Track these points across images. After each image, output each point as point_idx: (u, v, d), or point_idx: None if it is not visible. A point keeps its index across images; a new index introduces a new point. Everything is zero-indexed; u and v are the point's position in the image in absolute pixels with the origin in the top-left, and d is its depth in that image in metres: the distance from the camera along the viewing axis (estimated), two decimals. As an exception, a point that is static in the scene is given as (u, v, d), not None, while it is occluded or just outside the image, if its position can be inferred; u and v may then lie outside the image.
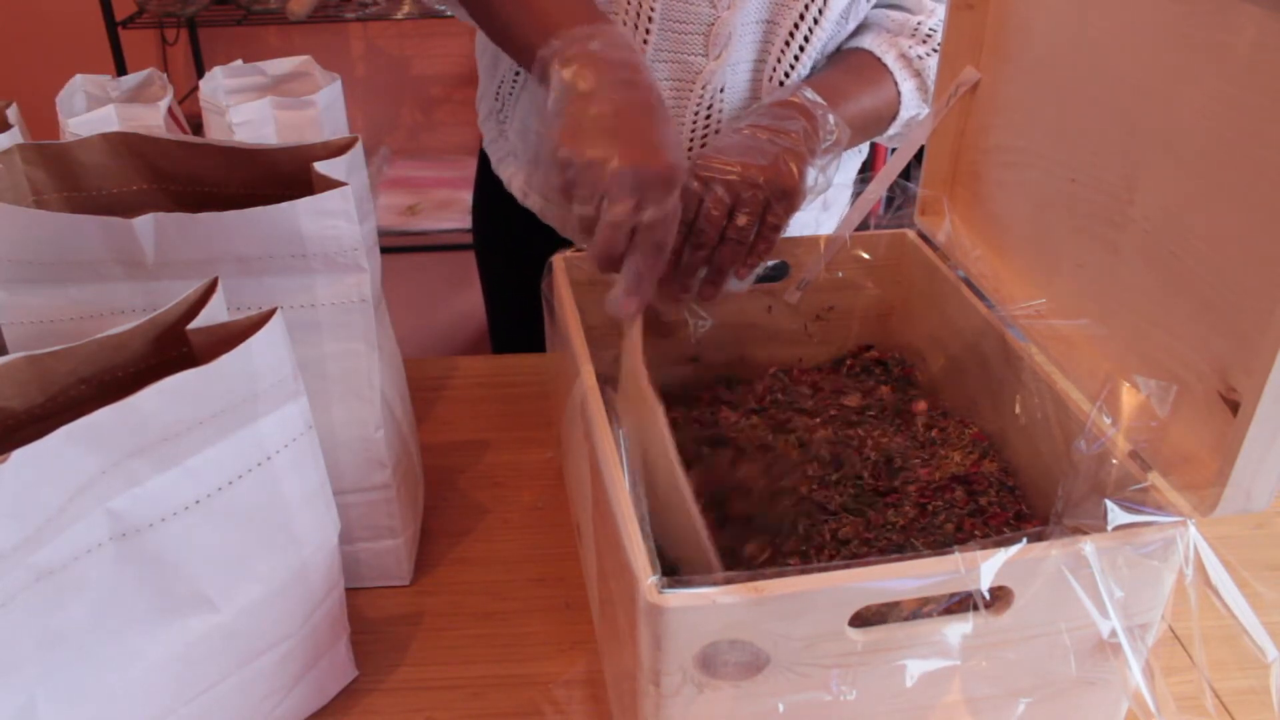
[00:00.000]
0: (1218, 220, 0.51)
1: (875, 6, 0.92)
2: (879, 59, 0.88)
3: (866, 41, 0.89)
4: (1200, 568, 0.50)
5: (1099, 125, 0.60)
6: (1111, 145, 0.59)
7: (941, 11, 0.88)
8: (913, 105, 0.89)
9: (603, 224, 0.61)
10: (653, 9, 0.85)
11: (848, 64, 0.90)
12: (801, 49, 0.88)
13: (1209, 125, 0.51)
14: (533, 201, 1.08)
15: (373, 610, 0.71)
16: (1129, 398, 0.56)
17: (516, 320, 1.18)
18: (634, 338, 0.65)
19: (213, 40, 2.58)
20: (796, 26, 0.88)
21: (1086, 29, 0.61)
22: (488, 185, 1.12)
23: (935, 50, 0.88)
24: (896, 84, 0.88)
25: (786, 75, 0.90)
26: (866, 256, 0.80)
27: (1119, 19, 0.57)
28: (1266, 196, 0.48)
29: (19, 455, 0.44)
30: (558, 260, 0.76)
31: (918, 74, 0.88)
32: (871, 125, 0.90)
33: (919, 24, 0.89)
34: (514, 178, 1.08)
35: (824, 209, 1.07)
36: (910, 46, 0.88)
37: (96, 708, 0.51)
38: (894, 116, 0.90)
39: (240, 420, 0.52)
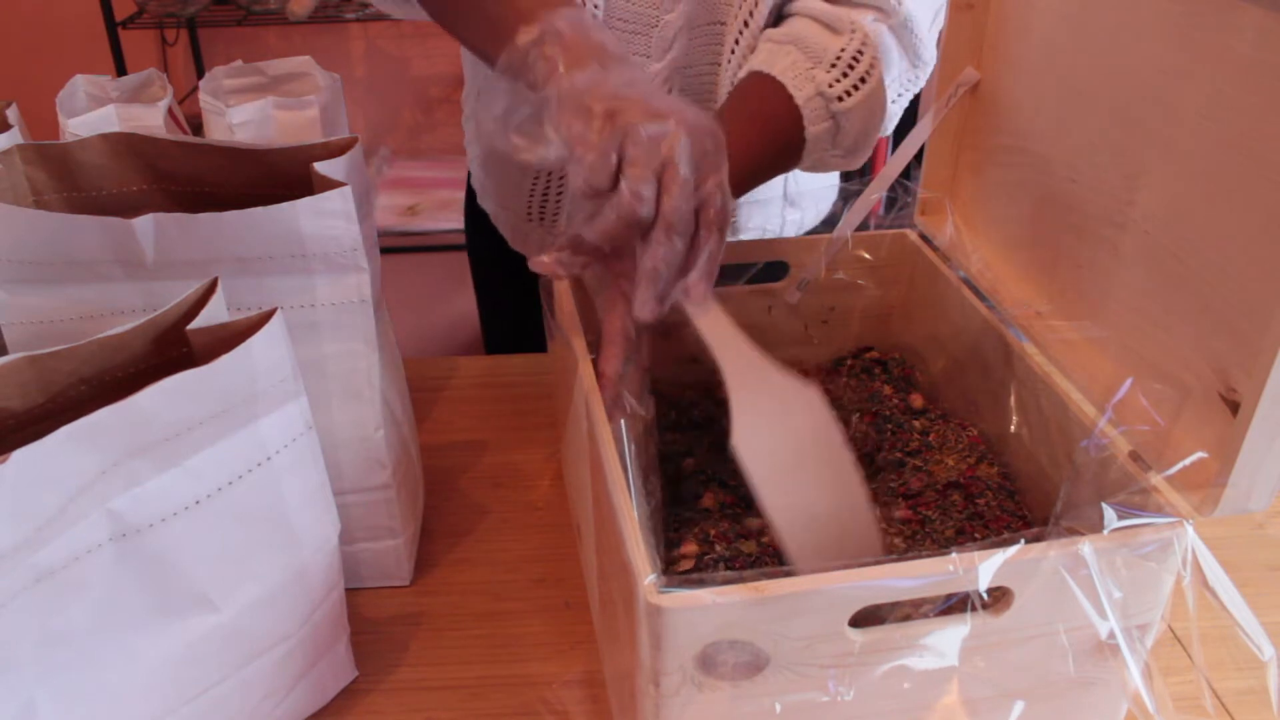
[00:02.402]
0: (1218, 220, 0.51)
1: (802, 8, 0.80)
2: (790, 97, 0.75)
3: (780, 66, 0.76)
4: (1198, 569, 0.50)
5: (1099, 125, 0.60)
6: (1111, 145, 0.59)
7: (868, 27, 0.77)
8: (820, 147, 0.78)
9: (673, 193, 0.54)
10: (597, 5, 0.84)
11: (752, 105, 0.76)
12: (747, 54, 0.83)
13: (1209, 125, 0.51)
14: (489, 205, 1.07)
15: (373, 610, 0.71)
16: (1131, 399, 0.56)
17: (509, 322, 1.18)
18: (718, 315, 0.59)
19: (213, 40, 2.59)
20: (743, 31, 0.83)
21: (1086, 29, 0.61)
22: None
23: (861, 84, 0.76)
24: (803, 128, 0.76)
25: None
26: (867, 257, 0.80)
27: (1119, 19, 0.57)
28: (1266, 197, 0.48)
29: (19, 455, 0.44)
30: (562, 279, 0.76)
31: (832, 117, 0.76)
32: (767, 173, 0.79)
33: (841, 51, 0.75)
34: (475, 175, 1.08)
35: (790, 205, 1.04)
36: (831, 84, 0.75)
37: (96, 708, 0.51)
38: (795, 160, 0.79)
39: (240, 420, 0.53)
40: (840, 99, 0.75)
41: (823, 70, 0.75)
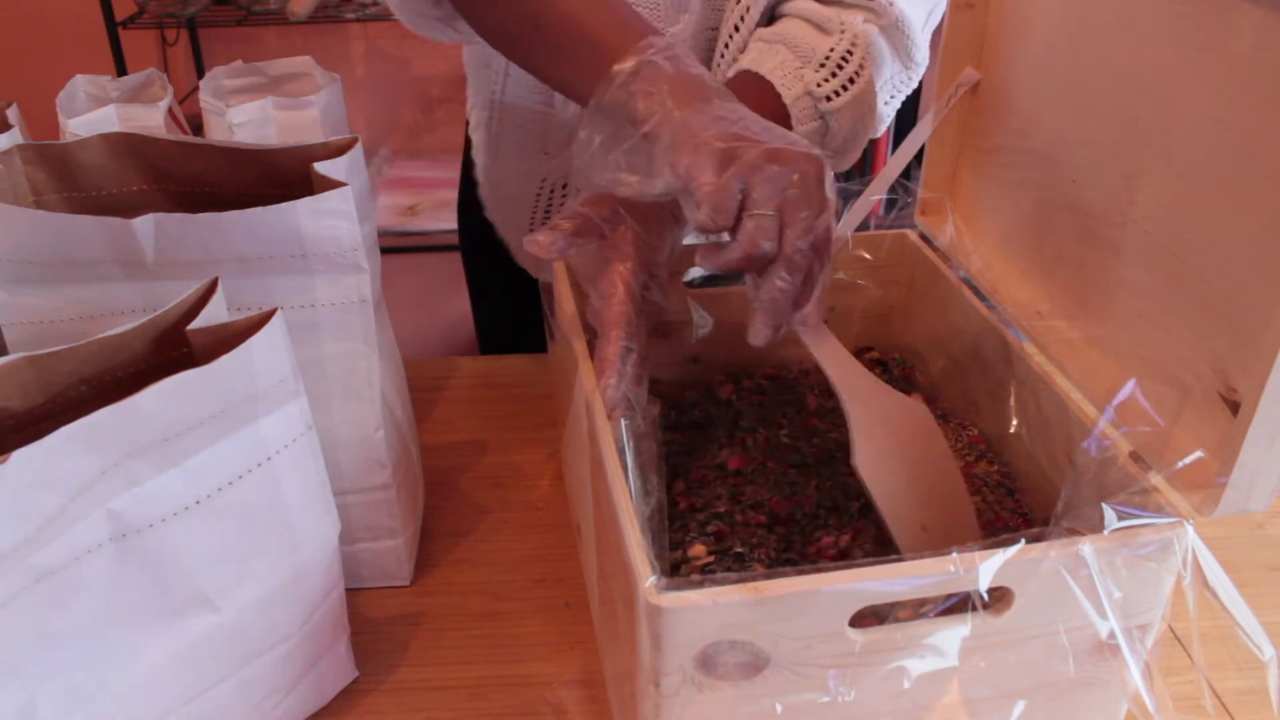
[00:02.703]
0: (1218, 220, 0.51)
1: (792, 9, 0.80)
2: (778, 96, 0.75)
3: (769, 65, 0.76)
4: (1198, 569, 0.50)
5: (1099, 125, 0.60)
6: (1111, 145, 0.59)
7: (859, 28, 0.77)
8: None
9: (795, 232, 0.57)
10: None
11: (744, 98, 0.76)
12: (738, 55, 0.83)
13: (1209, 125, 0.51)
14: (497, 218, 1.07)
15: (373, 610, 0.71)
16: (1131, 399, 0.56)
17: (504, 324, 1.18)
18: (832, 340, 0.62)
19: (213, 40, 2.58)
20: (733, 35, 0.83)
21: (1086, 29, 0.61)
22: (473, 188, 1.12)
23: (850, 85, 0.76)
24: (791, 128, 0.75)
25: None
26: (867, 257, 0.80)
27: (1119, 19, 0.57)
28: (1266, 197, 0.48)
29: (19, 455, 0.44)
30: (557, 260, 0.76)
31: (821, 117, 0.76)
32: None
33: (831, 51, 0.75)
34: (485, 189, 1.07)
35: None
36: (819, 83, 0.75)
37: (96, 708, 0.51)
38: None
39: (240, 420, 0.53)
40: (829, 99, 0.75)
41: (811, 70, 0.75)
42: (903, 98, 0.84)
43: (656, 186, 0.60)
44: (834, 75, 0.75)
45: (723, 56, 0.85)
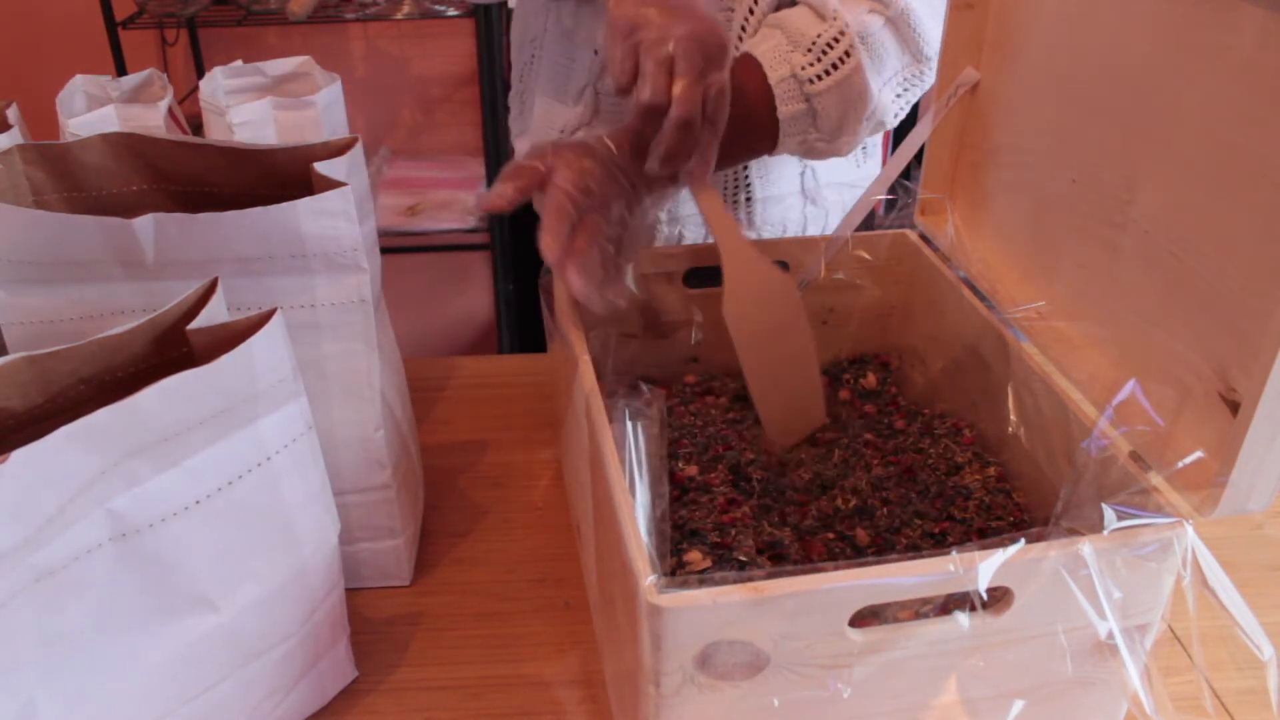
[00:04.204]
0: (1218, 220, 0.51)
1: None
2: (765, 77, 0.78)
3: (763, 48, 0.79)
4: (1198, 569, 0.50)
5: (1099, 125, 0.60)
6: (1111, 145, 0.59)
7: (862, 18, 0.79)
8: (798, 129, 0.80)
9: (682, 83, 0.64)
10: None
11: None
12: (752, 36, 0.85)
13: (1209, 125, 0.51)
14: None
15: (373, 610, 0.71)
16: (1130, 399, 0.56)
17: (529, 319, 1.18)
18: (716, 198, 0.70)
19: (213, 40, 2.58)
20: (748, 18, 0.85)
21: (1086, 29, 0.61)
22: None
23: (835, 68, 0.77)
24: (775, 109, 0.78)
25: None
26: (867, 257, 0.80)
27: (1119, 19, 0.57)
28: (1266, 196, 0.48)
29: (19, 455, 0.44)
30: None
31: (806, 100, 0.78)
32: (738, 144, 0.78)
33: (819, 36, 0.78)
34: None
35: (810, 202, 1.05)
36: (804, 66, 0.77)
37: (96, 708, 0.51)
38: (769, 140, 0.80)
39: (240, 420, 0.53)
40: (813, 81, 0.78)
41: (800, 53, 0.78)
42: (917, 93, 0.85)
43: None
44: (820, 59, 0.78)
45: (740, 39, 0.87)
